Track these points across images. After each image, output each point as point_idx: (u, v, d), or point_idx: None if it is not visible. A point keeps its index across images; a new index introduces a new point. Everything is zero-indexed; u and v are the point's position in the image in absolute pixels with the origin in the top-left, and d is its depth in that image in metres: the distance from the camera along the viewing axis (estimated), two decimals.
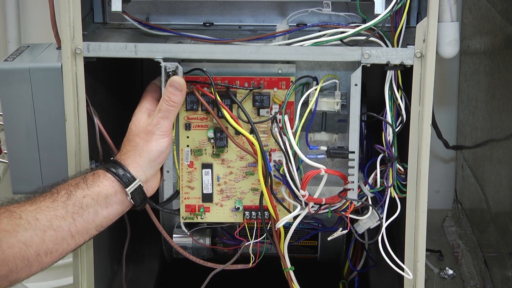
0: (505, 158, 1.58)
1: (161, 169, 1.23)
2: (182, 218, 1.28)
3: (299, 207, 1.23)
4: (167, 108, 1.17)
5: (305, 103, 1.21)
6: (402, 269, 1.23)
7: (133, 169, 1.16)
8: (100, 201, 1.13)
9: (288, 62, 1.22)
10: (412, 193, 1.21)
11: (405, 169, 1.21)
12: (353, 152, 1.20)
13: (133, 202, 1.16)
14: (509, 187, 1.55)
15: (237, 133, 1.22)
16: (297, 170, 1.21)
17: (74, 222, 1.10)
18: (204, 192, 1.27)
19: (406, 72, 1.19)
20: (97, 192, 1.13)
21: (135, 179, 1.15)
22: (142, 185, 1.16)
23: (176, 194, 1.27)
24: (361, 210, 1.27)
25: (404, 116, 1.20)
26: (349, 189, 1.21)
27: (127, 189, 1.14)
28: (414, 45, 1.16)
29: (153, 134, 1.17)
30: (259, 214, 1.26)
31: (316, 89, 1.21)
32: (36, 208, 1.09)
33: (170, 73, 1.18)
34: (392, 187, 1.23)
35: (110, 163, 1.17)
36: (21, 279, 1.08)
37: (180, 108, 1.23)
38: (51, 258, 1.09)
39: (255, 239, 1.29)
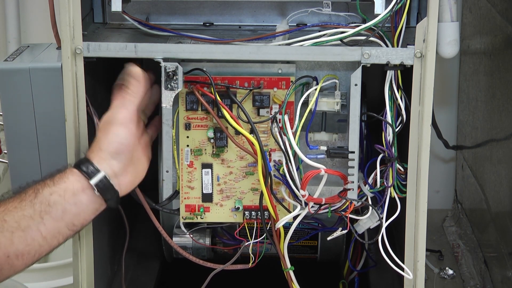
0: (505, 158, 1.58)
1: (159, 170, 1.22)
2: (182, 218, 1.28)
3: (299, 207, 1.23)
4: (123, 95, 1.15)
5: (305, 103, 1.21)
6: (402, 269, 1.23)
7: (96, 162, 1.12)
8: (68, 197, 1.10)
9: (288, 62, 1.22)
10: (412, 193, 1.21)
11: (405, 169, 1.21)
12: (353, 152, 1.20)
13: (102, 197, 1.12)
14: (509, 187, 1.55)
15: (237, 133, 1.22)
16: (297, 170, 1.21)
17: (43, 221, 1.08)
18: (204, 192, 1.27)
19: (406, 72, 1.19)
20: (63, 188, 1.10)
21: (99, 171, 1.12)
22: (108, 178, 1.12)
23: (176, 194, 1.27)
24: (361, 210, 1.27)
25: (404, 116, 1.20)
26: (349, 189, 1.21)
27: (91, 181, 1.11)
28: (414, 45, 1.16)
29: (109, 124, 1.14)
30: (259, 214, 1.26)
31: (316, 89, 1.21)
32: (4, 210, 1.07)
33: (170, 73, 1.18)
34: (392, 187, 1.23)
35: (80, 160, 1.14)
36: None
37: (180, 108, 1.23)
38: (23, 260, 1.07)
39: (255, 239, 1.29)
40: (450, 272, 1.81)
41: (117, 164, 1.14)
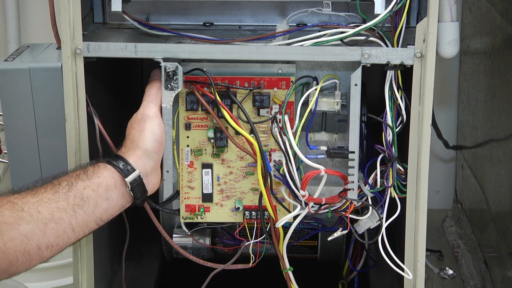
0: (505, 158, 1.58)
1: (162, 168, 1.23)
2: (182, 218, 1.28)
3: (299, 207, 1.23)
4: (150, 93, 1.19)
5: (305, 103, 1.21)
6: (402, 269, 1.23)
7: (132, 161, 1.15)
8: (101, 192, 1.12)
9: (288, 62, 1.22)
10: (412, 193, 1.21)
11: (405, 169, 1.21)
12: (353, 152, 1.20)
13: (132, 194, 1.15)
14: (509, 187, 1.55)
15: (237, 133, 1.22)
16: (297, 170, 1.21)
17: (75, 214, 1.10)
18: (204, 192, 1.27)
19: (406, 72, 1.19)
20: (97, 183, 1.12)
21: (134, 170, 1.15)
22: (141, 176, 1.15)
23: (176, 194, 1.27)
24: (361, 210, 1.27)
25: (404, 116, 1.20)
26: (349, 189, 1.21)
27: (126, 179, 1.14)
28: (414, 45, 1.16)
29: (142, 121, 1.17)
30: (259, 214, 1.26)
31: (316, 89, 1.21)
32: (38, 200, 1.08)
33: (170, 73, 1.18)
34: (392, 187, 1.23)
35: (111, 157, 1.17)
36: (20, 272, 1.07)
37: (180, 108, 1.24)
38: (51, 251, 1.09)
39: (255, 239, 1.29)
40: (450, 272, 1.81)
41: (150, 163, 1.17)
